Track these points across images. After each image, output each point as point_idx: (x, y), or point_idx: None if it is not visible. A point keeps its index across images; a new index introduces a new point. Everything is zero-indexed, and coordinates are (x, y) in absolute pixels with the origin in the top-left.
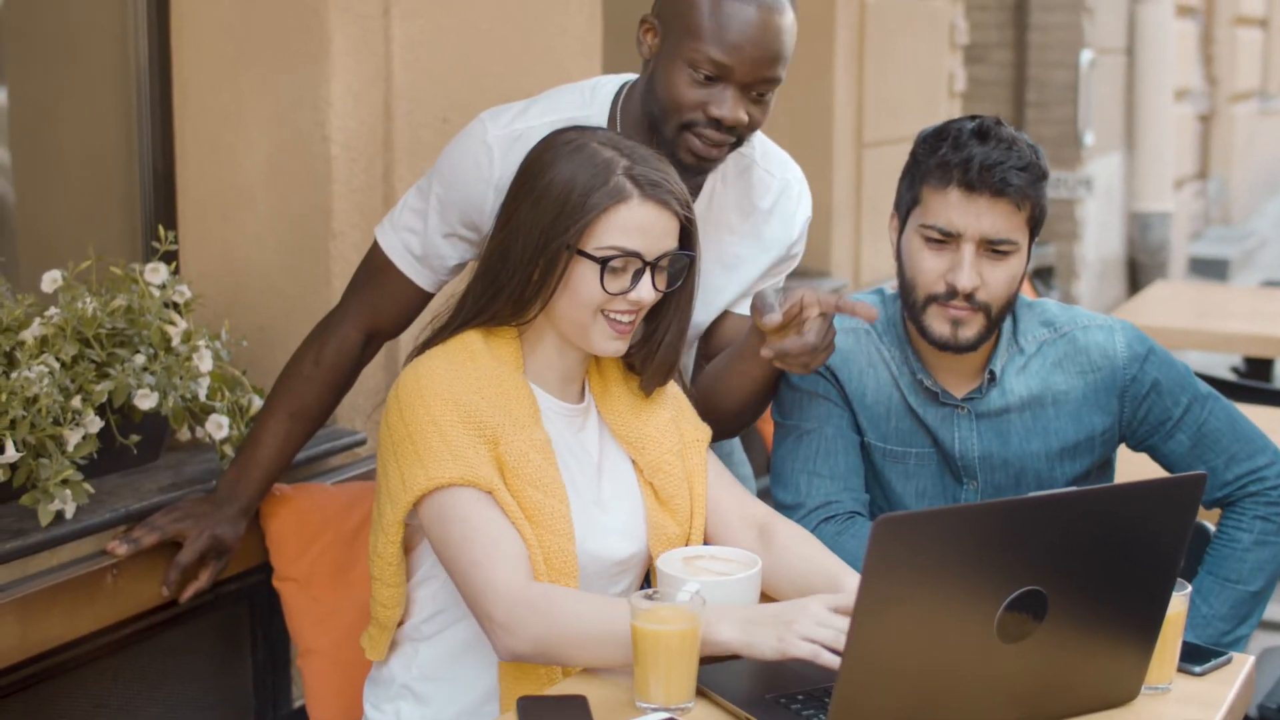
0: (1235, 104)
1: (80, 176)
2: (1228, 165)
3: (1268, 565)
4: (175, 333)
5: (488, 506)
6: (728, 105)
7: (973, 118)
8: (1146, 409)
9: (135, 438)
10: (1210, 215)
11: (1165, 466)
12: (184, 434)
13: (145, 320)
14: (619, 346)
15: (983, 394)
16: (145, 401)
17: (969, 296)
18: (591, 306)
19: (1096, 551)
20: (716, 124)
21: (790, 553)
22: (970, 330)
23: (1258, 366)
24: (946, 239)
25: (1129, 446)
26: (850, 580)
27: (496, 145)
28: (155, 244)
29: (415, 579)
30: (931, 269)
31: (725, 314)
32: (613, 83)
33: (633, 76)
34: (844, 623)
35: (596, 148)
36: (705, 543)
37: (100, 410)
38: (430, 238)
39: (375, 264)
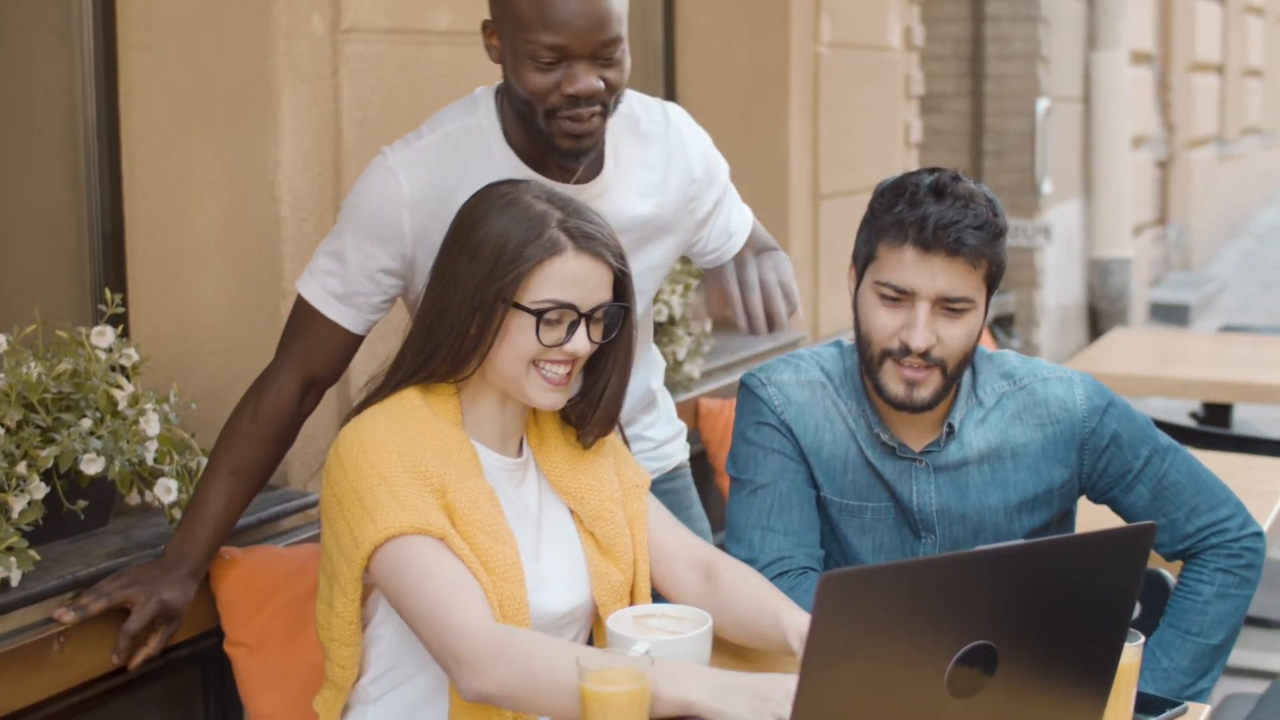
0: (1193, 150)
1: (28, 240)
2: (1186, 211)
3: (1229, 618)
4: (122, 396)
5: (441, 552)
6: (579, 80)
7: (931, 171)
8: (1106, 461)
9: (82, 503)
10: (1170, 261)
11: (1126, 519)
12: (133, 498)
13: (91, 384)
14: (556, 399)
15: (941, 447)
16: (92, 466)
17: (924, 354)
18: (526, 359)
19: (1046, 604)
20: (575, 100)
21: (735, 593)
22: (926, 390)
23: (1216, 412)
24: (901, 296)
25: (1089, 499)
26: (792, 616)
27: (400, 166)
28: (102, 307)
29: (361, 640)
30: (885, 326)
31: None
32: (487, 91)
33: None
34: None
35: (530, 201)
36: (652, 587)
37: (46, 476)
38: (351, 276)
39: (301, 315)
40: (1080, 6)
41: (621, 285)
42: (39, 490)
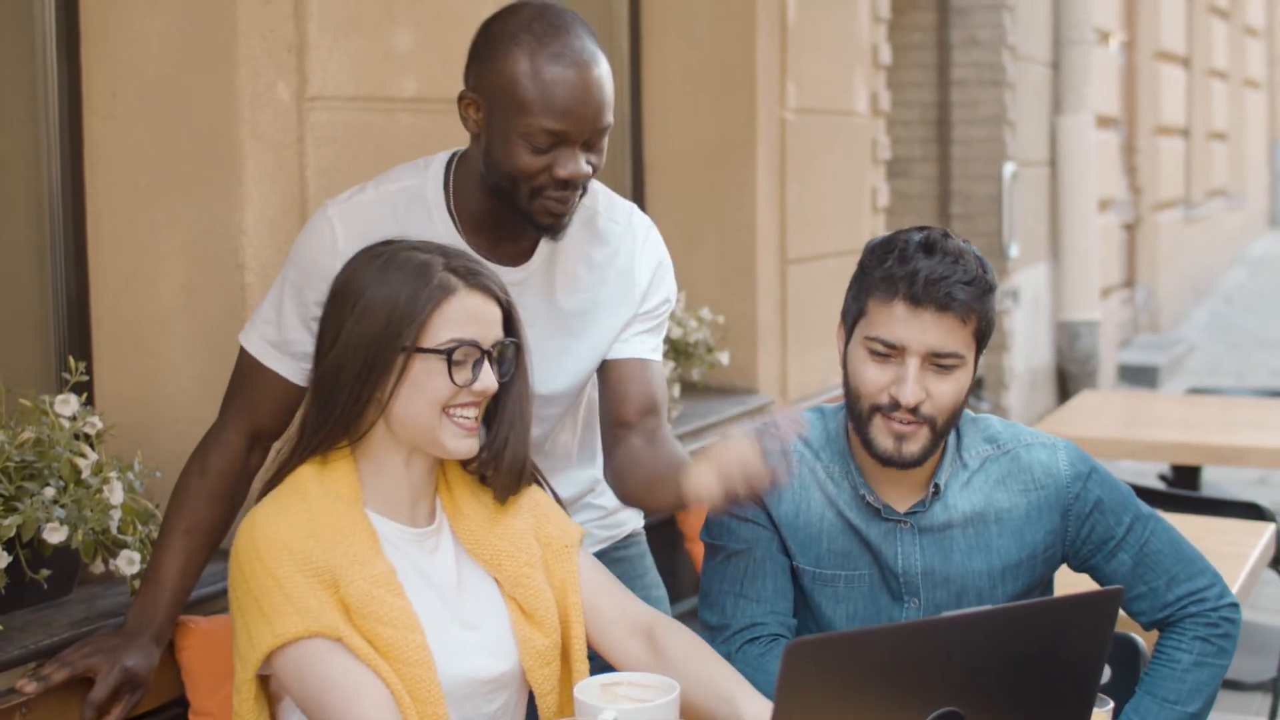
0: (1159, 212)
1: None
2: (1154, 273)
3: (1206, 686)
4: (85, 465)
5: (340, 654)
6: (571, 165)
7: (921, 229)
8: (1090, 528)
9: (45, 572)
10: (1138, 323)
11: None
12: (97, 567)
13: (55, 452)
14: (471, 445)
15: (926, 508)
16: (55, 535)
17: (913, 409)
18: (439, 404)
19: (1014, 670)
20: (564, 183)
21: (685, 668)
22: (915, 445)
23: (1185, 474)
24: (891, 352)
25: (1071, 567)
26: (750, 705)
27: (337, 218)
28: (66, 375)
29: None
30: (875, 380)
31: (617, 363)
32: (444, 155)
33: (463, 147)
34: None
35: (410, 253)
36: (592, 652)
37: (9, 545)
38: (286, 322)
39: (243, 366)
40: (1045, 71)
41: (511, 321)
42: (1, 559)
